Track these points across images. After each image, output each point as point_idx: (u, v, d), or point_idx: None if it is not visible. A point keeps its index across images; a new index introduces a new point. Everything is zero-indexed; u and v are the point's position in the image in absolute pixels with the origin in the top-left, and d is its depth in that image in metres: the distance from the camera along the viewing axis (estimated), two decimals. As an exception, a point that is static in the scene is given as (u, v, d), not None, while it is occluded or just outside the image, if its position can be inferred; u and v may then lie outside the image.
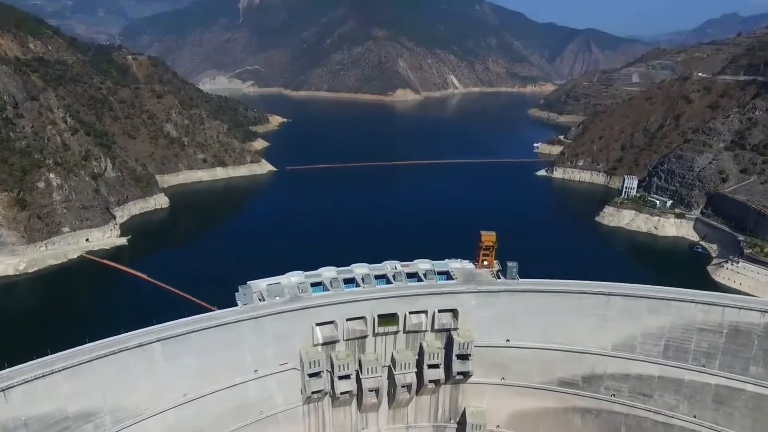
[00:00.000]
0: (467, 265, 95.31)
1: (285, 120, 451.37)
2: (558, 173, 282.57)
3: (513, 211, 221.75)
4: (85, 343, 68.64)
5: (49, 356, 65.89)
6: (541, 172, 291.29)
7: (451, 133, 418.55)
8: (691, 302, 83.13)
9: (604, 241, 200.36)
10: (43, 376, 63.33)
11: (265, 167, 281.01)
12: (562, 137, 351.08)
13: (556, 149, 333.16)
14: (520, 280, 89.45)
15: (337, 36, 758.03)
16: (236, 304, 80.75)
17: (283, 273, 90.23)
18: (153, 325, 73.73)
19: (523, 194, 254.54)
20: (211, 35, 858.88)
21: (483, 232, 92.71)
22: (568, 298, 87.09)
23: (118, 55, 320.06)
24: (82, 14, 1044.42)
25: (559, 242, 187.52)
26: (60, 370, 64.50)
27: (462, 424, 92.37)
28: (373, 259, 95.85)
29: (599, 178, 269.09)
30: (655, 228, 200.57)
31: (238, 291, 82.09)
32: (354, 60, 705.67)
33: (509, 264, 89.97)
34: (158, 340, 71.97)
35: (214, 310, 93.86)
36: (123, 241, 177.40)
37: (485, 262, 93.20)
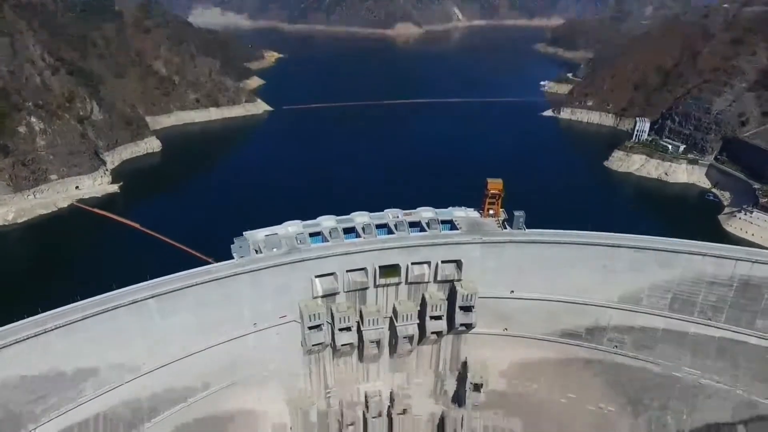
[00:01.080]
0: (472, 213, 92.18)
1: (281, 56, 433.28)
2: (565, 114, 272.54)
3: (517, 155, 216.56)
4: (77, 299, 66.81)
5: (41, 315, 64.13)
6: (548, 113, 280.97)
7: (454, 70, 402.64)
8: (702, 255, 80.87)
9: (612, 187, 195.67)
10: (35, 335, 61.80)
11: (261, 107, 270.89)
12: (570, 75, 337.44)
13: (564, 88, 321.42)
14: (527, 230, 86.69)
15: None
16: (232, 256, 78.09)
17: (280, 222, 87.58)
18: (147, 280, 71.39)
19: (528, 136, 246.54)
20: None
21: (489, 180, 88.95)
22: (576, 249, 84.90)
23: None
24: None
25: (565, 188, 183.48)
26: (53, 329, 62.93)
27: (463, 373, 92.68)
28: (374, 206, 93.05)
29: (608, 120, 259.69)
30: (666, 174, 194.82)
31: (233, 243, 78.91)
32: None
33: (516, 213, 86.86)
34: (153, 296, 69.93)
35: (210, 261, 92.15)
36: (115, 188, 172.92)
37: (491, 211, 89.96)
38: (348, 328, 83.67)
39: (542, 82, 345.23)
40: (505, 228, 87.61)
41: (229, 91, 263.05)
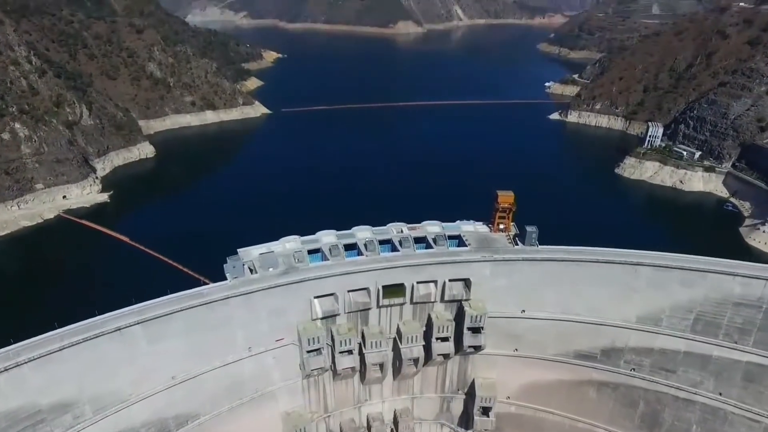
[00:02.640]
0: (481, 228, 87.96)
1: (280, 55, 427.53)
2: (573, 117, 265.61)
3: (524, 160, 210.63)
4: (54, 326, 62.31)
5: (15, 345, 59.50)
6: (554, 116, 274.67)
7: (456, 71, 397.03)
8: (730, 275, 76.19)
9: (625, 196, 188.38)
10: (5, 369, 57.30)
11: (259, 110, 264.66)
12: (576, 76, 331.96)
13: (569, 89, 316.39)
14: (540, 246, 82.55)
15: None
16: (225, 275, 73.74)
17: (277, 235, 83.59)
18: (134, 302, 67.62)
19: (535, 140, 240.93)
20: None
21: (500, 192, 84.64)
22: (591, 267, 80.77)
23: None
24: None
25: (575, 198, 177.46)
26: (26, 362, 58.40)
27: (471, 395, 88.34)
28: (377, 218, 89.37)
29: (617, 123, 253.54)
30: (681, 182, 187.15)
31: (226, 263, 74.54)
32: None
33: (528, 229, 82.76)
34: (139, 323, 65.70)
35: (201, 279, 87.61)
36: (104, 197, 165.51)
37: (501, 226, 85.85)
38: (349, 351, 79.81)
39: (547, 83, 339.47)
40: (517, 244, 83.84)
41: (226, 94, 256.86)
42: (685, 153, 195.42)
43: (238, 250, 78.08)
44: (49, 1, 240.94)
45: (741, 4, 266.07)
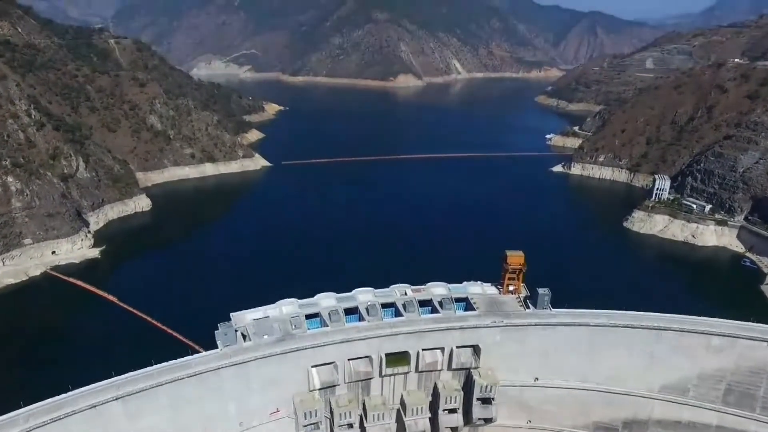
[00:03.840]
0: (489, 289, 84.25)
1: (282, 108, 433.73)
2: (576, 169, 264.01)
3: (530, 215, 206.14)
4: (20, 405, 56.98)
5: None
6: (557, 168, 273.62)
7: (456, 123, 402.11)
8: (762, 341, 71.61)
9: (636, 251, 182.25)
10: None
11: (259, 162, 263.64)
12: (576, 128, 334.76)
13: (570, 141, 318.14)
14: (553, 310, 78.78)
15: (337, 18, 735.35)
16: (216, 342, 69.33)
17: (273, 296, 79.32)
18: (113, 376, 62.67)
19: (539, 194, 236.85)
20: (206, 18, 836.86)
21: (509, 252, 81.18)
22: (610, 332, 76.55)
23: (99, 39, 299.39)
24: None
25: (585, 253, 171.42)
26: None
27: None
28: (379, 278, 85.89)
29: (621, 176, 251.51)
30: (693, 236, 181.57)
31: (218, 329, 70.35)
32: (354, 44, 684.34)
33: (540, 291, 79.12)
34: (117, 398, 60.60)
35: (192, 346, 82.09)
36: (95, 252, 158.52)
37: (511, 287, 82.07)
38: (349, 425, 74.62)
39: (547, 136, 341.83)
40: (528, 307, 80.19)
41: (226, 146, 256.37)
42: (695, 206, 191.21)
43: (231, 314, 73.96)
44: (57, 57, 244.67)
45: (736, 60, 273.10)
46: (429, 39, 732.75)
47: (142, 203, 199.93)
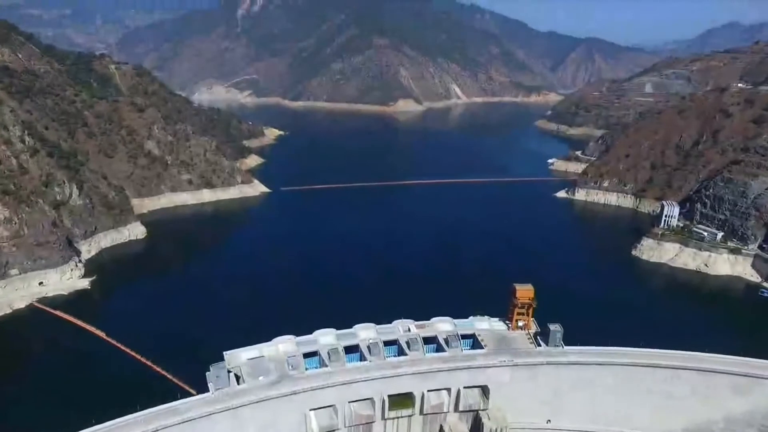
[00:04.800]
0: (497, 325, 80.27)
1: (282, 133, 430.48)
2: (580, 195, 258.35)
3: (534, 243, 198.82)
4: None
5: None
6: (561, 194, 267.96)
7: (457, 148, 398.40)
8: None
9: (647, 281, 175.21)
10: None
11: (258, 188, 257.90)
12: (579, 153, 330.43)
13: (573, 166, 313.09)
14: (565, 347, 74.77)
15: (337, 44, 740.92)
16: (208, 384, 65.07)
17: (270, 330, 75.32)
18: (93, 425, 57.78)
19: (543, 221, 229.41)
20: (209, 44, 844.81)
21: (518, 286, 77.19)
22: (628, 371, 72.82)
23: (100, 65, 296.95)
24: (81, 23, 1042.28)
25: (594, 284, 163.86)
26: None
27: None
28: (381, 311, 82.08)
29: (627, 201, 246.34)
30: (705, 265, 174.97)
31: (209, 371, 65.54)
32: (354, 69, 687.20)
33: (552, 328, 75.08)
34: None
35: (181, 386, 75.77)
36: (85, 283, 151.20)
37: (520, 323, 78.28)
38: None
39: (549, 160, 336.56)
40: (539, 344, 76.14)
41: (225, 172, 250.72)
42: (706, 234, 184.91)
43: (225, 353, 68.73)
44: (56, 82, 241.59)
45: (739, 85, 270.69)
46: (429, 64, 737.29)
47: (136, 231, 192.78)
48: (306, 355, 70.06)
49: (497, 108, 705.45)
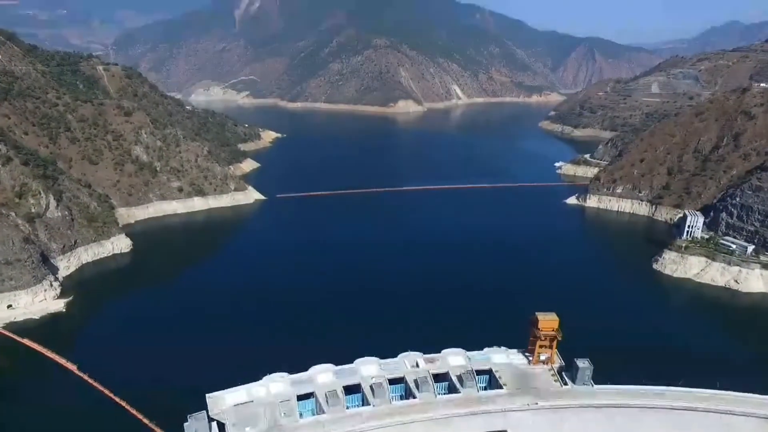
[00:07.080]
0: (516, 358, 71.80)
1: (279, 135, 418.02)
2: (592, 201, 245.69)
3: (547, 257, 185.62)
4: None
5: None
6: (572, 200, 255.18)
7: (460, 151, 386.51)
8: None
9: (672, 300, 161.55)
10: None
11: (252, 195, 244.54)
12: (587, 156, 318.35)
13: (581, 170, 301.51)
14: (596, 387, 65.82)
15: (336, 44, 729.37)
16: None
17: (261, 364, 67.33)
18: None
19: (554, 230, 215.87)
20: (206, 45, 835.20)
21: (540, 316, 68.69)
22: (669, 415, 63.91)
23: (87, 66, 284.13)
24: (77, 24, 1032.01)
25: (615, 303, 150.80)
26: None
27: None
28: (383, 334, 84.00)
29: (642, 208, 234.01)
30: (736, 281, 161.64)
31: (187, 421, 57.28)
32: (353, 70, 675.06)
33: (580, 365, 65.98)
34: None
35: None
36: (60, 305, 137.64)
37: (542, 356, 69.71)
38: None
39: (557, 164, 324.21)
40: (564, 382, 67.31)
41: (217, 179, 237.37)
42: (734, 246, 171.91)
43: (207, 396, 60.21)
44: (37, 84, 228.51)
45: (762, 84, 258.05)
46: (429, 64, 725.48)
47: (120, 244, 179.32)
48: (301, 398, 62.77)
49: (499, 108, 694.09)
